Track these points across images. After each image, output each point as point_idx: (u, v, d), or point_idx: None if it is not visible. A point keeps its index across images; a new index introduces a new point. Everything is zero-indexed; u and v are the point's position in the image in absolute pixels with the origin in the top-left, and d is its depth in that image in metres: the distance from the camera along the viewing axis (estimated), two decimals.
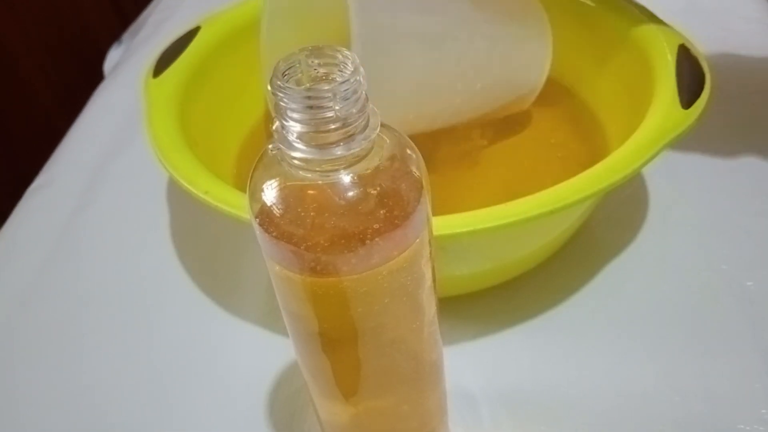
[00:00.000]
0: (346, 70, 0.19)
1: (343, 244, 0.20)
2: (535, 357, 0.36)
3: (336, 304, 0.22)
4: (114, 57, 0.78)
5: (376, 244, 0.20)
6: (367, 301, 0.22)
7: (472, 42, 0.40)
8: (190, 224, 0.46)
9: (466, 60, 0.39)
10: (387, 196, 0.21)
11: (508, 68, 0.42)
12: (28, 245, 0.47)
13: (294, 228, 0.20)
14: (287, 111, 0.19)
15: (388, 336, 0.24)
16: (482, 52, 0.40)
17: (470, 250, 0.35)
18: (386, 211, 0.21)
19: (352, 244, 0.20)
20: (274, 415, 0.35)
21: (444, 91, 0.40)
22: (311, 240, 0.20)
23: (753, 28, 0.56)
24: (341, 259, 0.21)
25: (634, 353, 0.35)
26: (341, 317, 0.23)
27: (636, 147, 0.32)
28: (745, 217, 0.41)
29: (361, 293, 0.22)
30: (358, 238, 0.20)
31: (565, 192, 0.31)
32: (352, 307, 0.22)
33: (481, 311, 0.38)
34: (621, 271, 0.39)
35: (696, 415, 0.32)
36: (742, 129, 0.47)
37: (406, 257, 0.22)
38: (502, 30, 0.41)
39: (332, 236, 0.20)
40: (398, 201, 0.21)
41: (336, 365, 0.25)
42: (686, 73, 0.36)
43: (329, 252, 0.20)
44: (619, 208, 0.42)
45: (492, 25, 0.40)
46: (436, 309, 0.26)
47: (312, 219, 0.20)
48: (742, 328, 0.35)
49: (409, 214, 0.21)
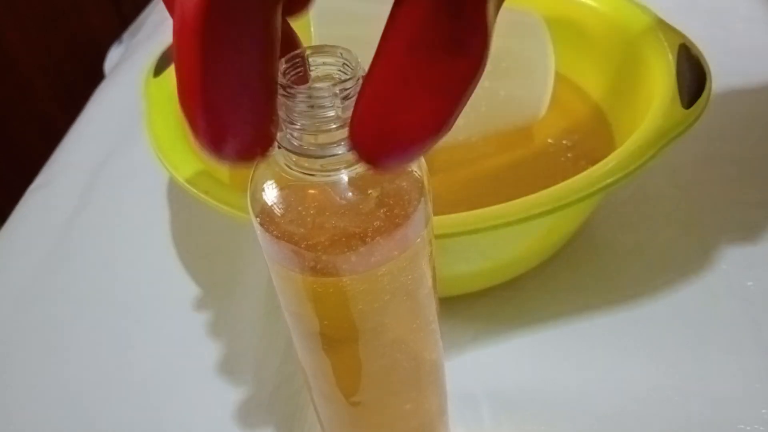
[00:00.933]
0: (347, 69, 0.19)
1: (343, 243, 0.20)
2: (535, 357, 0.36)
3: (336, 304, 0.22)
4: (114, 57, 0.78)
5: (377, 244, 0.20)
6: (368, 300, 0.22)
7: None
8: (190, 224, 0.46)
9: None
10: (387, 196, 0.21)
11: (506, 100, 0.42)
12: (28, 245, 0.47)
13: (294, 227, 0.20)
14: (288, 110, 0.19)
15: (389, 336, 0.24)
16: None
17: (470, 250, 0.34)
18: (386, 210, 0.21)
19: (352, 243, 0.20)
20: (274, 414, 0.35)
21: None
22: (312, 239, 0.20)
23: (753, 28, 0.56)
24: (342, 258, 0.21)
25: (634, 353, 0.35)
26: (341, 316, 0.23)
27: (636, 147, 0.32)
28: (745, 217, 0.41)
29: (361, 292, 0.22)
30: (359, 237, 0.20)
31: (565, 191, 0.31)
32: (353, 306, 0.22)
33: (481, 311, 0.38)
34: (621, 271, 0.39)
35: (696, 415, 0.32)
36: (742, 129, 0.47)
37: (407, 257, 0.22)
38: (499, 62, 0.41)
39: (333, 235, 0.20)
40: (399, 200, 0.21)
41: (336, 364, 0.25)
42: (686, 72, 0.36)
43: (330, 251, 0.20)
44: (619, 208, 0.42)
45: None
46: (436, 309, 0.26)
47: (312, 218, 0.20)
48: (742, 328, 0.35)
49: (409, 214, 0.21)
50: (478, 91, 0.16)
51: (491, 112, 0.41)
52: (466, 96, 0.16)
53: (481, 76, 0.16)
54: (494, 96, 0.41)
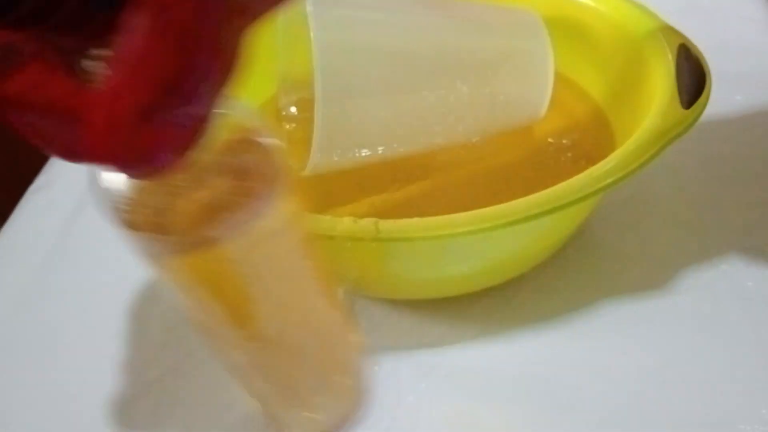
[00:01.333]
0: None
1: (202, 216, 0.22)
2: (535, 357, 0.36)
3: (216, 275, 0.24)
4: None
5: (232, 215, 0.22)
6: (245, 268, 0.24)
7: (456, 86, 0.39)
8: None
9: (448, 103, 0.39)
10: (239, 168, 0.23)
11: (506, 101, 0.42)
12: (28, 245, 0.47)
13: (154, 218, 0.22)
14: None
15: (274, 300, 0.26)
16: (466, 96, 0.40)
17: (470, 250, 0.35)
18: (238, 183, 0.22)
19: (209, 216, 0.22)
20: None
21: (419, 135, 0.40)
22: (173, 222, 0.22)
23: (753, 29, 0.56)
24: (204, 230, 0.22)
25: (634, 353, 0.35)
26: (226, 289, 0.24)
27: (636, 147, 0.32)
28: (745, 217, 0.41)
29: (236, 261, 0.23)
30: (213, 209, 0.22)
31: (565, 191, 0.31)
32: (232, 275, 0.24)
33: (481, 311, 0.38)
34: (621, 271, 0.39)
35: (696, 414, 0.32)
36: (742, 129, 0.47)
37: (266, 226, 0.23)
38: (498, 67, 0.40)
39: (191, 212, 0.22)
40: (250, 173, 0.23)
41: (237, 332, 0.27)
42: (686, 72, 0.36)
43: (192, 228, 0.22)
44: (619, 208, 0.42)
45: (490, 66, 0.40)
46: (329, 277, 0.28)
47: (167, 203, 0.22)
48: (742, 328, 0.35)
49: (262, 187, 0.22)
50: (479, 94, 0.17)
51: (491, 113, 0.41)
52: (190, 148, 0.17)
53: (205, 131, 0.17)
54: (494, 97, 0.41)
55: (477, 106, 0.41)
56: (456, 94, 0.39)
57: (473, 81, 0.40)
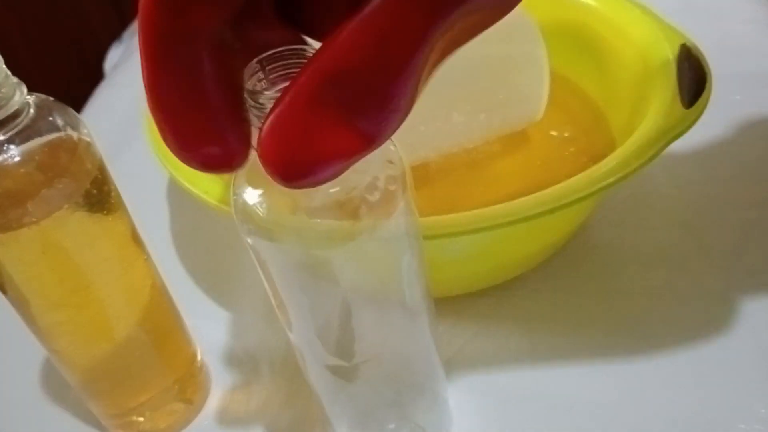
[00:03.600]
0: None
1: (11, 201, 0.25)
2: (534, 357, 0.36)
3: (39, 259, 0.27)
4: (114, 56, 0.78)
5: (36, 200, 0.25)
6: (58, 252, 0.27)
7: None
8: (190, 224, 0.46)
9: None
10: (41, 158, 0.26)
11: (503, 105, 0.42)
12: None
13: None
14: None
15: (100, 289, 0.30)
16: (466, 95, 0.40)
17: (470, 250, 0.35)
18: (41, 173, 0.26)
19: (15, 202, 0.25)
20: (273, 413, 0.35)
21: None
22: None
23: (753, 29, 0.56)
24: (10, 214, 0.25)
25: (634, 353, 0.35)
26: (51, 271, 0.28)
27: (636, 147, 0.32)
28: (745, 217, 0.41)
29: (50, 244, 0.27)
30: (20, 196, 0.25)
31: (565, 191, 0.31)
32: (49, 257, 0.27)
33: (481, 311, 0.38)
34: (620, 271, 0.39)
35: (696, 414, 0.32)
36: (742, 129, 0.47)
37: (61, 215, 0.26)
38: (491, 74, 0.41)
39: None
40: (52, 161, 0.27)
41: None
42: (687, 72, 0.36)
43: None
44: (619, 208, 0.42)
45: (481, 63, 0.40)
46: (155, 276, 0.32)
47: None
48: (742, 327, 0.35)
49: (59, 175, 0.26)
50: (474, 120, 0.17)
51: (490, 117, 0.42)
52: (352, 162, 0.16)
53: (369, 152, 0.16)
54: (492, 102, 0.41)
55: (476, 108, 0.41)
56: (451, 124, 0.40)
57: (468, 110, 0.40)
